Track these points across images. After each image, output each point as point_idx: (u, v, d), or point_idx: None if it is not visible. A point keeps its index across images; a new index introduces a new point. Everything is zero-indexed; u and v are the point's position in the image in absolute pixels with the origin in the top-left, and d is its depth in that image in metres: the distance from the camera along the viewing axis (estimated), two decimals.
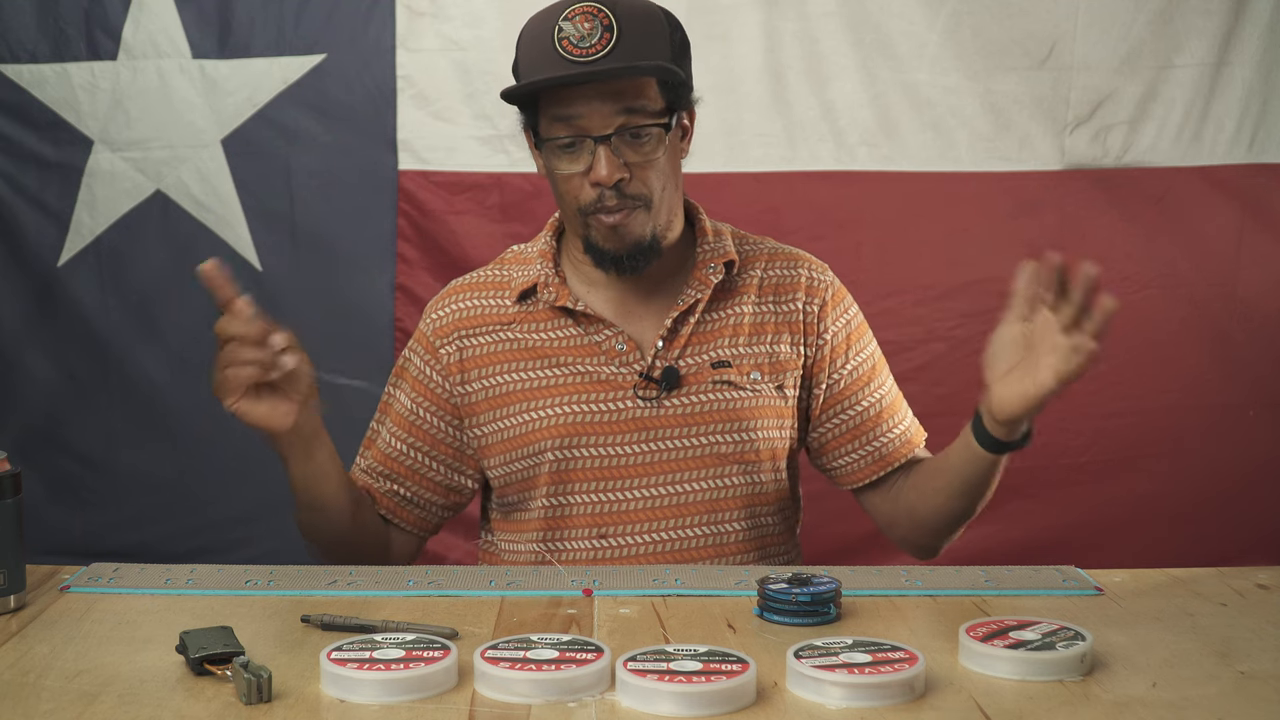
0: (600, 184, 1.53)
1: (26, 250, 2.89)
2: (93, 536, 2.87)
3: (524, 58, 1.57)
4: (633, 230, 1.56)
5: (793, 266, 1.70)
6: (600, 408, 1.61)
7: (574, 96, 1.52)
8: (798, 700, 1.10)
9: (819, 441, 1.70)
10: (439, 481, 1.67)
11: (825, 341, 1.68)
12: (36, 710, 1.08)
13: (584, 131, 1.53)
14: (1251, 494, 2.87)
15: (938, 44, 2.82)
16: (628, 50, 1.50)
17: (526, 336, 1.65)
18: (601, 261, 1.59)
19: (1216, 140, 2.83)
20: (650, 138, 1.55)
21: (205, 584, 1.42)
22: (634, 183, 1.55)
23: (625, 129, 1.53)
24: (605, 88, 1.52)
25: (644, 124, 1.54)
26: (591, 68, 1.50)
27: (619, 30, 1.50)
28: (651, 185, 1.56)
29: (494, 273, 1.71)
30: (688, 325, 1.63)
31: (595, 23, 1.51)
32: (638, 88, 1.53)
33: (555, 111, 1.54)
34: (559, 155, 1.55)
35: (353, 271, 2.89)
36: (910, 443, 1.70)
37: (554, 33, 1.51)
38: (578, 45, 1.50)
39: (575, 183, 1.55)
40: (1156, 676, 1.16)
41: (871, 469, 1.69)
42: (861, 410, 1.68)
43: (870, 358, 1.72)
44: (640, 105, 1.53)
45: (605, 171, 1.52)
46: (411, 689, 1.10)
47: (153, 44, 2.83)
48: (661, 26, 1.56)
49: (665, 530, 1.61)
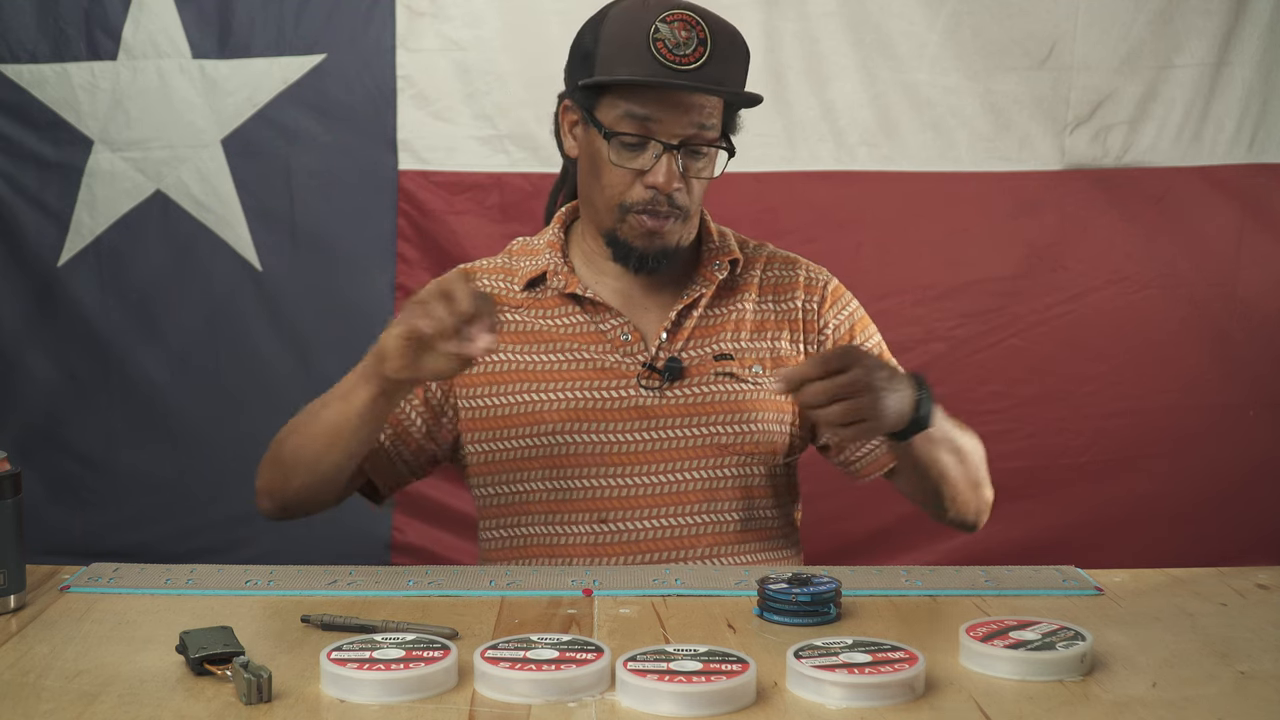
0: (657, 189, 1.56)
1: (26, 250, 2.89)
2: (93, 536, 2.87)
3: (610, 46, 1.56)
4: (667, 238, 1.60)
5: (791, 268, 1.73)
6: (603, 394, 1.62)
7: (653, 99, 1.54)
8: (798, 700, 1.10)
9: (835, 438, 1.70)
10: (416, 438, 1.66)
11: (827, 336, 1.70)
12: (36, 710, 1.08)
13: (654, 135, 1.55)
14: (1251, 494, 2.88)
15: (938, 44, 2.82)
16: (717, 66, 1.54)
17: (533, 321, 1.66)
18: (624, 257, 1.62)
19: (1216, 140, 2.84)
20: (708, 156, 1.59)
21: (205, 584, 1.42)
22: (683, 194, 1.58)
23: (693, 143, 1.56)
24: (684, 99, 1.54)
25: (710, 143, 1.57)
26: (690, 79, 1.52)
27: (712, 45, 1.53)
28: (696, 199, 1.60)
29: (500, 261, 1.73)
30: (691, 319, 1.65)
31: (692, 34, 1.53)
32: (711, 106, 1.56)
33: (630, 108, 1.55)
34: (620, 149, 1.57)
35: (353, 271, 2.89)
36: None
37: (650, 32, 1.53)
38: (673, 51, 1.52)
39: (626, 178, 1.58)
40: (1156, 676, 1.16)
41: (889, 457, 1.69)
42: None
43: (876, 347, 1.73)
44: (710, 124, 1.57)
45: (664, 179, 1.55)
46: (411, 689, 1.10)
47: (153, 44, 2.83)
48: (743, 51, 1.60)
49: (664, 517, 1.61)
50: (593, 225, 1.65)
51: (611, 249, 1.62)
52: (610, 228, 1.61)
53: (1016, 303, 2.89)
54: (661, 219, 1.58)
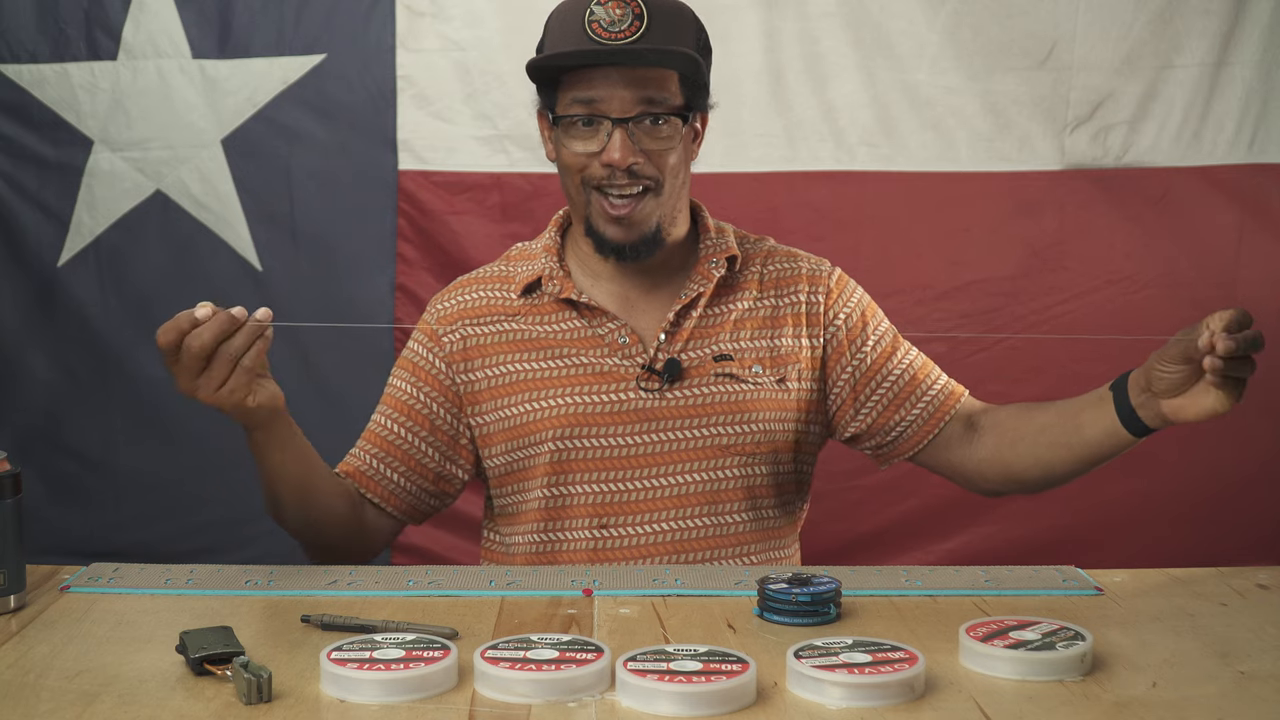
0: (612, 165, 1.55)
1: (26, 250, 2.89)
2: (93, 536, 2.87)
3: (551, 37, 1.58)
4: (639, 218, 1.58)
5: (792, 261, 1.72)
6: (602, 399, 1.61)
7: (596, 78, 1.54)
8: (798, 700, 1.10)
9: (868, 420, 1.70)
10: (431, 468, 1.67)
11: (838, 327, 1.69)
12: (36, 710, 1.08)
13: (602, 113, 1.54)
14: (1251, 494, 2.88)
15: (938, 44, 2.82)
16: (655, 40, 1.52)
17: (530, 328, 1.65)
18: (603, 248, 1.61)
19: (1216, 140, 2.83)
20: (670, 124, 1.56)
21: (205, 584, 1.42)
22: (646, 165, 1.56)
23: (644, 116, 1.55)
24: (628, 74, 1.53)
25: (662, 112, 1.55)
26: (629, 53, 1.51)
27: (649, 19, 1.52)
28: (663, 169, 1.58)
29: (499, 268, 1.72)
30: (690, 319, 1.65)
31: (627, 9, 1.52)
32: (660, 79, 1.55)
33: (575, 93, 1.55)
34: (573, 133, 1.57)
35: (353, 271, 2.89)
36: (954, 393, 1.70)
37: (584, 15, 1.53)
38: (607, 29, 1.52)
39: (584, 161, 1.57)
40: (1156, 676, 1.16)
41: (928, 427, 1.68)
42: (899, 376, 1.69)
43: (889, 330, 1.73)
44: (662, 97, 1.55)
45: (619, 154, 1.54)
46: (411, 689, 1.10)
47: (153, 44, 2.83)
48: (689, 23, 1.59)
49: (666, 521, 1.61)
50: (576, 221, 1.65)
51: (592, 240, 1.61)
52: (584, 215, 1.61)
53: (1016, 303, 2.89)
54: (630, 201, 1.56)
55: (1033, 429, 1.61)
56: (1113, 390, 1.52)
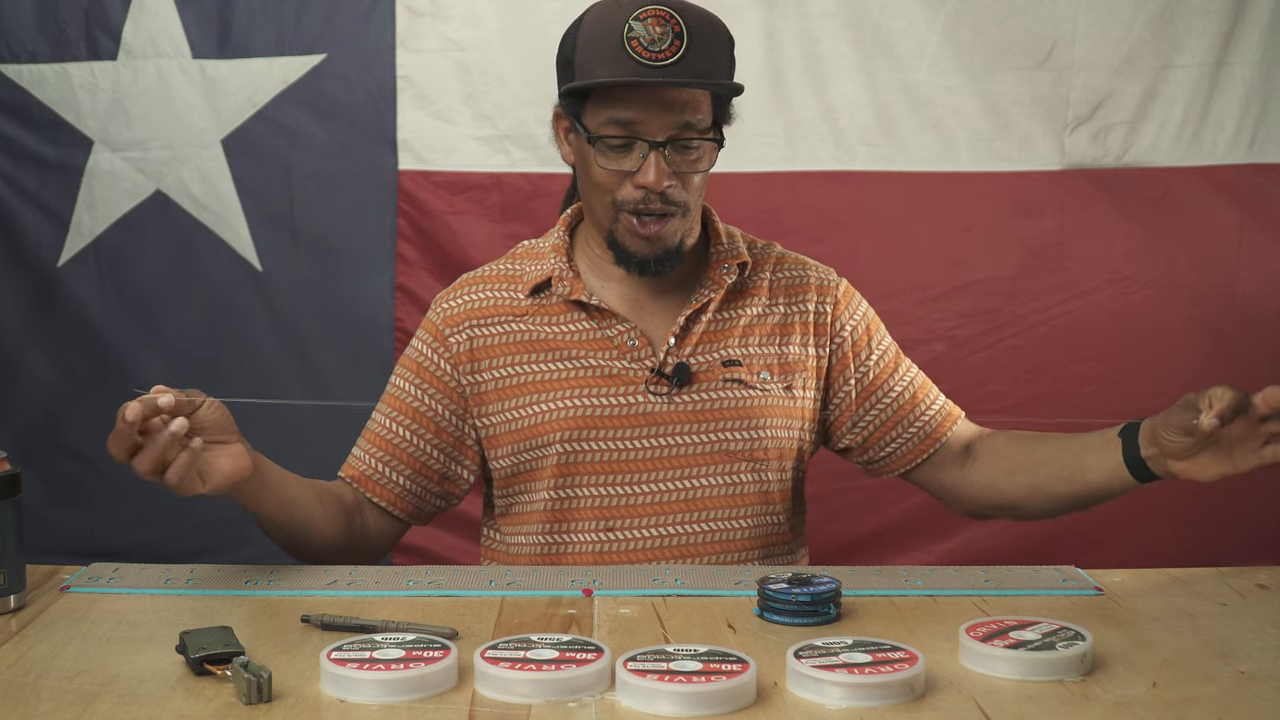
0: (648, 188, 1.54)
1: (26, 250, 2.89)
2: (93, 536, 2.87)
3: (587, 50, 1.54)
4: (668, 238, 1.58)
5: (802, 269, 1.72)
6: (611, 401, 1.61)
7: (634, 99, 1.52)
8: (798, 700, 1.10)
9: (863, 435, 1.70)
10: (437, 470, 1.67)
11: (844, 339, 1.69)
12: (36, 710, 1.08)
13: (640, 135, 1.53)
14: (1251, 494, 2.87)
15: (938, 44, 2.82)
16: (695, 59, 1.50)
17: (539, 329, 1.65)
18: (626, 261, 1.60)
19: (1216, 140, 2.84)
20: (700, 150, 1.56)
21: (205, 584, 1.42)
22: (677, 190, 1.55)
23: (678, 140, 1.54)
24: (668, 96, 1.52)
25: (699, 138, 1.54)
26: (666, 75, 1.49)
27: (689, 38, 1.50)
28: (694, 193, 1.58)
29: (506, 266, 1.71)
30: (700, 324, 1.64)
31: (667, 28, 1.50)
32: (696, 101, 1.54)
33: (613, 112, 1.53)
34: (607, 153, 1.55)
35: (353, 271, 2.89)
36: (950, 416, 1.71)
37: (623, 31, 1.50)
38: (648, 48, 1.49)
39: (617, 179, 1.56)
40: (1156, 676, 1.16)
41: (919, 449, 1.70)
42: (898, 395, 1.70)
43: (891, 345, 1.73)
44: (697, 120, 1.54)
45: (654, 178, 1.53)
46: (411, 689, 1.10)
47: (153, 44, 2.83)
48: (724, 41, 1.57)
49: (672, 525, 1.61)
50: (597, 231, 1.64)
51: (613, 252, 1.61)
52: (608, 229, 1.60)
53: (1016, 303, 2.89)
54: (659, 220, 1.55)
55: (1032, 460, 1.62)
56: (1121, 437, 1.53)
